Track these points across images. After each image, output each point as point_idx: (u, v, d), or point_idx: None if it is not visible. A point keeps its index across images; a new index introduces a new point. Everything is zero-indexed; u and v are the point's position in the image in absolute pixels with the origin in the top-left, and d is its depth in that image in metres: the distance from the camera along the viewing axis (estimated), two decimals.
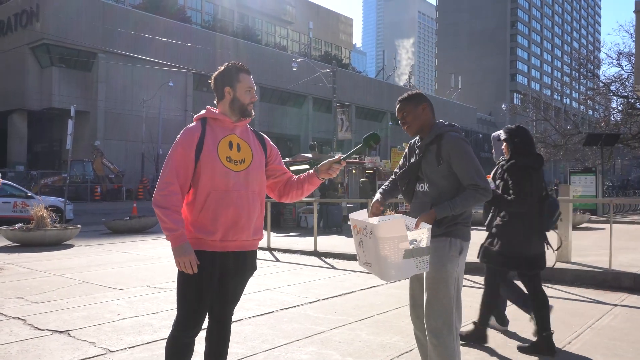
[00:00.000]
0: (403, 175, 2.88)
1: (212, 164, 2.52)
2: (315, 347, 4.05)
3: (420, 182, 2.82)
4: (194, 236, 2.54)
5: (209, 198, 2.53)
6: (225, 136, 2.61)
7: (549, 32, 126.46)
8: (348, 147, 51.73)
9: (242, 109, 2.64)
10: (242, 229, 2.57)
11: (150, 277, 7.16)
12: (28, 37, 39.17)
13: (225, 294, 2.66)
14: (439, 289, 2.68)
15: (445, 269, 2.68)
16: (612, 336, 4.33)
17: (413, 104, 2.84)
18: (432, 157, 2.75)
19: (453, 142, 2.69)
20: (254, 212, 2.62)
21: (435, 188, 2.73)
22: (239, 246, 2.60)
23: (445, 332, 2.66)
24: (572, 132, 31.05)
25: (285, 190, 2.82)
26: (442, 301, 2.68)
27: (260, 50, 54.79)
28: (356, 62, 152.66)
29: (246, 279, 2.73)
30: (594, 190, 18.60)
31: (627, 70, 27.19)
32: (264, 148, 2.76)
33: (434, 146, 2.76)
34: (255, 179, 2.63)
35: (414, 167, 2.83)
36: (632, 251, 8.77)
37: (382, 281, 2.75)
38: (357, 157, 22.07)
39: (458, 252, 2.72)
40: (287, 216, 15.66)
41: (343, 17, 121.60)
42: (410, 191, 2.84)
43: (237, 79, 2.62)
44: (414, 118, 2.83)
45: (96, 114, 40.07)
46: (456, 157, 2.67)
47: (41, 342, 4.14)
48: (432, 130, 2.81)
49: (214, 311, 2.69)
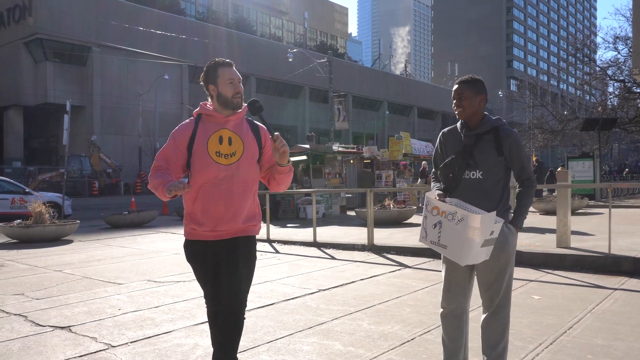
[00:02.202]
0: (452, 163, 2.89)
1: (202, 159, 2.69)
2: (317, 338, 4.05)
3: (470, 170, 2.85)
4: (190, 227, 2.76)
5: (201, 190, 2.70)
6: (215, 131, 2.74)
7: (544, 18, 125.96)
8: (345, 137, 51.75)
9: (227, 103, 2.74)
10: (231, 219, 2.71)
11: (151, 271, 7.16)
12: (21, 32, 38.89)
13: (222, 281, 2.73)
14: (507, 267, 2.87)
15: (510, 249, 2.87)
16: (613, 320, 4.34)
17: (473, 91, 2.86)
18: (489, 147, 2.83)
19: (514, 137, 2.83)
20: (244, 203, 2.76)
21: (491, 176, 2.83)
22: (232, 234, 2.74)
23: (508, 303, 2.92)
24: (569, 117, 30.98)
25: (269, 181, 2.94)
26: (509, 278, 2.90)
27: (255, 42, 54.50)
28: (352, 51, 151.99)
29: (244, 263, 2.76)
30: (592, 175, 18.62)
31: (623, 54, 27.11)
32: (258, 139, 2.84)
33: (490, 137, 2.84)
34: (246, 171, 2.76)
35: (466, 154, 2.86)
36: (631, 235, 8.79)
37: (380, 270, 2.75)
38: (355, 147, 22.07)
39: (514, 235, 2.88)
40: (286, 207, 15.65)
41: (338, 7, 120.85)
42: (458, 179, 2.88)
43: (216, 75, 2.74)
44: (470, 104, 2.85)
45: (92, 108, 39.91)
46: (516, 152, 2.82)
47: (42, 339, 4.13)
48: (484, 120, 2.87)
49: (220, 295, 2.76)
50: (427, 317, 4.55)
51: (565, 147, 40.61)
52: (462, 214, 2.62)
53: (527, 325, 4.23)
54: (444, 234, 2.71)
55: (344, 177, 18.41)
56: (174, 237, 11.25)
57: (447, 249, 2.72)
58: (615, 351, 3.61)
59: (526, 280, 5.94)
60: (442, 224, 2.72)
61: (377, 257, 8.05)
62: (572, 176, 14.47)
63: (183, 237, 2.85)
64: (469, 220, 2.59)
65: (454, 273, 2.92)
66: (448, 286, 2.96)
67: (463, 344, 2.97)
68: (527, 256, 6.97)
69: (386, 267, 7.14)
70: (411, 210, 13.23)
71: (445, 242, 2.72)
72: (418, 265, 7.21)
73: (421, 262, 7.39)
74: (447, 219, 2.70)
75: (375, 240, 8.86)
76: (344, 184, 18.19)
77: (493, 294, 2.87)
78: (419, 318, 4.52)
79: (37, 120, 40.93)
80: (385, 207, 12.96)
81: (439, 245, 2.76)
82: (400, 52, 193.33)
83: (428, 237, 2.82)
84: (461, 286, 2.92)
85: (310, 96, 57.34)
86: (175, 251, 9.11)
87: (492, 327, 2.89)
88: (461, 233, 2.62)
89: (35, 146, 43.38)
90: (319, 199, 14.86)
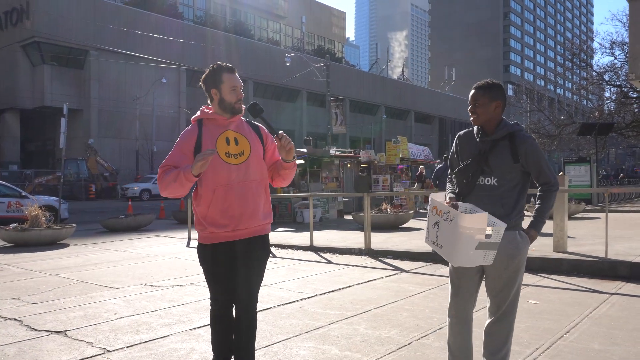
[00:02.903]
0: (467, 169, 2.86)
1: (214, 162, 2.67)
2: (314, 342, 4.04)
3: (485, 176, 2.82)
4: (208, 231, 2.75)
5: (215, 194, 2.71)
6: (221, 133, 2.76)
7: (541, 23, 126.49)
8: (343, 141, 51.78)
9: (230, 108, 2.78)
10: (250, 216, 2.76)
11: (147, 275, 7.13)
12: (19, 35, 38.85)
13: (240, 278, 2.80)
14: (517, 275, 2.83)
15: (520, 257, 2.81)
16: (610, 325, 4.34)
17: (488, 97, 2.79)
18: (505, 153, 2.78)
19: (530, 142, 2.77)
20: (259, 199, 2.81)
21: (506, 182, 2.79)
22: (251, 232, 2.79)
23: (514, 310, 2.88)
24: (566, 122, 31.09)
25: (272, 176, 2.98)
26: (518, 286, 2.85)
27: (253, 46, 54.58)
28: (349, 55, 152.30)
29: (260, 263, 2.86)
30: (588, 179, 18.66)
31: (620, 59, 27.28)
32: (260, 137, 2.91)
33: (506, 142, 2.79)
34: (256, 169, 2.81)
35: (481, 160, 2.82)
36: (628, 240, 8.80)
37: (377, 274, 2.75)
38: (353, 151, 22.07)
39: (527, 243, 2.83)
40: (283, 211, 15.64)
41: (336, 11, 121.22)
42: (472, 184, 2.86)
43: (221, 80, 2.76)
44: (484, 112, 2.80)
45: (89, 111, 39.86)
46: (533, 157, 2.76)
47: (38, 343, 4.11)
48: (500, 126, 2.81)
49: (237, 296, 2.83)
50: (423, 321, 4.54)
51: (562, 151, 40.74)
52: (453, 214, 2.61)
53: (524, 329, 4.23)
54: (441, 233, 2.71)
55: (341, 181, 18.41)
56: (171, 241, 11.21)
57: (442, 249, 2.72)
58: (612, 356, 3.61)
59: (523, 285, 5.91)
60: (440, 224, 2.72)
61: (374, 261, 8.04)
62: (569, 181, 14.51)
63: (179, 241, 2.87)
64: (458, 219, 2.57)
65: (463, 278, 2.87)
66: (456, 292, 2.91)
67: (470, 354, 2.92)
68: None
69: (383, 271, 7.13)
70: (408, 214, 13.23)
71: (441, 241, 2.72)
72: (415, 269, 7.21)
73: (418, 267, 7.39)
74: (442, 218, 2.70)
75: (372, 244, 8.85)
76: (341, 188, 18.19)
77: (500, 300, 2.84)
78: (415, 322, 4.51)
79: (34, 124, 40.87)
80: (382, 211, 12.96)
81: (437, 244, 2.76)
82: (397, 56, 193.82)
83: (430, 237, 2.83)
84: (469, 292, 2.88)
85: (307, 100, 57.39)
86: (172, 255, 9.09)
87: (496, 333, 2.86)
88: (453, 233, 2.61)
89: (32, 149, 43.27)
90: (316, 203, 14.85)
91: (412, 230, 11.81)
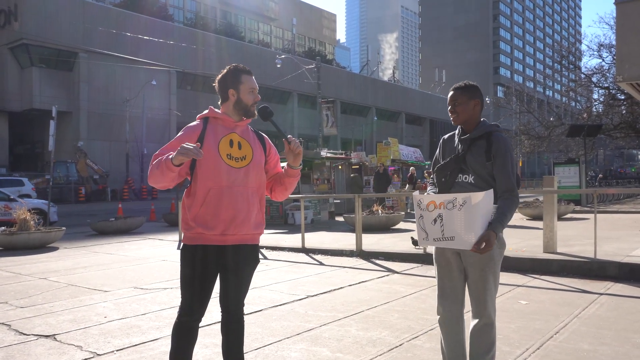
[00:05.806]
0: (445, 167, 2.92)
1: (214, 161, 2.64)
2: (305, 344, 4.03)
3: (463, 174, 2.87)
4: (195, 231, 2.65)
5: (210, 194, 2.64)
6: (226, 134, 2.72)
7: (530, 25, 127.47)
8: (334, 143, 51.85)
9: (246, 110, 2.76)
10: (242, 223, 2.67)
11: (137, 278, 7.09)
12: (7, 38, 38.55)
13: (227, 286, 2.72)
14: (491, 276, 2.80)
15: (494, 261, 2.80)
16: (599, 325, 4.37)
17: (467, 96, 2.88)
18: (480, 152, 2.83)
19: (503, 143, 2.80)
20: (253, 207, 2.73)
21: (482, 180, 2.82)
22: (239, 240, 2.70)
23: (494, 316, 2.84)
24: (555, 123, 31.35)
25: (272, 188, 2.92)
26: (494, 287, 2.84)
27: (243, 47, 54.54)
28: (340, 57, 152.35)
29: (248, 272, 2.79)
30: (577, 180, 18.81)
31: (607, 61, 27.52)
32: (263, 147, 2.87)
33: (483, 142, 2.84)
34: (254, 176, 2.75)
35: (459, 159, 2.88)
36: (616, 240, 8.88)
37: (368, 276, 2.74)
38: (344, 153, 22.11)
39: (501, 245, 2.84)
40: (274, 213, 15.62)
41: (326, 13, 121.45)
42: (451, 182, 2.90)
43: (240, 81, 2.74)
44: (464, 110, 2.87)
45: (79, 114, 39.61)
46: (500, 159, 2.78)
47: (26, 348, 4.07)
48: (479, 126, 2.88)
49: (222, 303, 2.76)
50: (415, 322, 4.55)
51: (552, 153, 41.05)
52: (463, 197, 2.59)
53: (514, 330, 4.25)
54: (447, 225, 2.64)
55: (333, 182, 18.43)
56: (161, 244, 11.15)
57: (454, 240, 2.63)
58: (601, 356, 3.64)
59: (513, 286, 5.97)
60: (443, 216, 2.66)
61: (365, 262, 8.05)
62: (558, 182, 14.62)
63: (170, 243, 2.83)
64: (472, 199, 2.56)
65: (447, 278, 2.90)
66: (442, 292, 2.93)
67: (462, 354, 2.90)
68: (514, 261, 7.01)
69: (374, 272, 7.14)
70: (399, 215, 13.26)
71: (450, 233, 2.64)
72: (406, 270, 7.22)
73: (409, 268, 7.40)
74: (447, 209, 2.64)
75: (363, 245, 8.86)
76: (333, 189, 18.20)
77: (478, 301, 2.81)
78: (407, 324, 4.52)
79: (22, 127, 40.53)
80: (374, 212, 12.99)
81: (445, 239, 2.67)
82: (388, 58, 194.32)
83: (430, 236, 2.74)
84: (455, 292, 2.89)
85: (298, 102, 57.42)
86: (162, 258, 9.04)
87: (477, 336, 2.83)
88: (470, 214, 2.56)
89: (21, 152, 42.91)
90: (307, 204, 14.84)
91: (404, 232, 11.83)
